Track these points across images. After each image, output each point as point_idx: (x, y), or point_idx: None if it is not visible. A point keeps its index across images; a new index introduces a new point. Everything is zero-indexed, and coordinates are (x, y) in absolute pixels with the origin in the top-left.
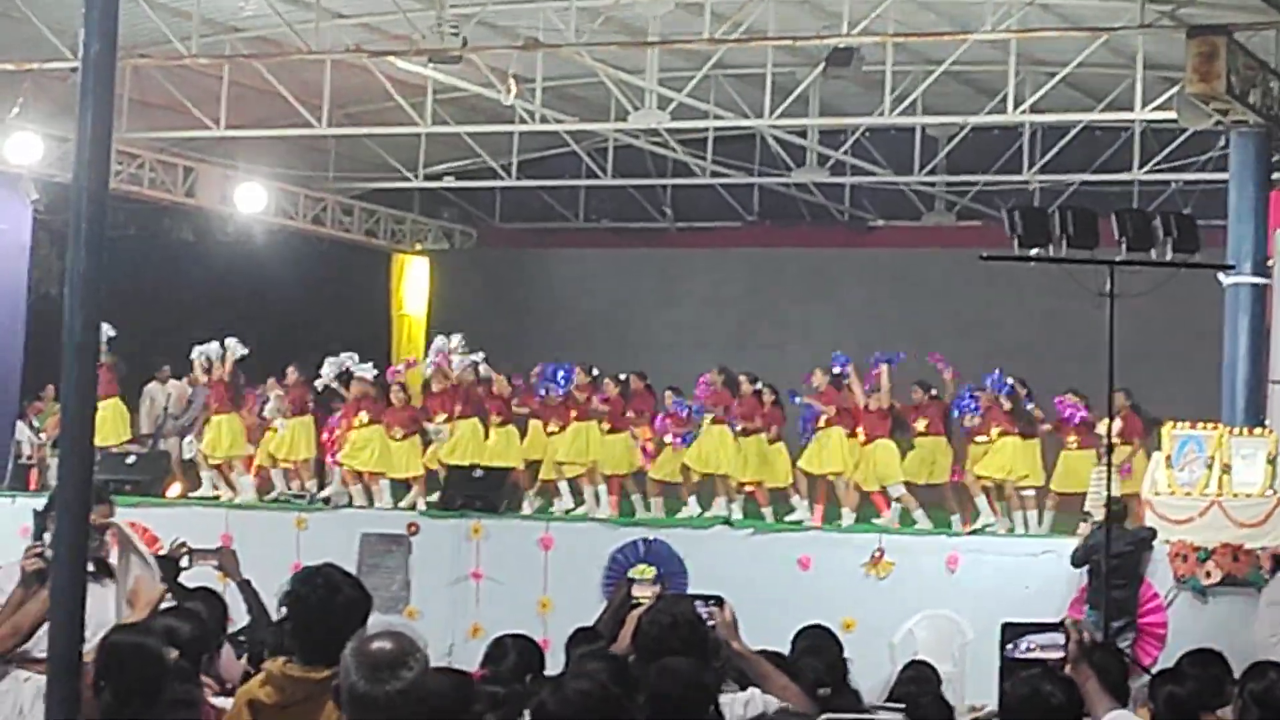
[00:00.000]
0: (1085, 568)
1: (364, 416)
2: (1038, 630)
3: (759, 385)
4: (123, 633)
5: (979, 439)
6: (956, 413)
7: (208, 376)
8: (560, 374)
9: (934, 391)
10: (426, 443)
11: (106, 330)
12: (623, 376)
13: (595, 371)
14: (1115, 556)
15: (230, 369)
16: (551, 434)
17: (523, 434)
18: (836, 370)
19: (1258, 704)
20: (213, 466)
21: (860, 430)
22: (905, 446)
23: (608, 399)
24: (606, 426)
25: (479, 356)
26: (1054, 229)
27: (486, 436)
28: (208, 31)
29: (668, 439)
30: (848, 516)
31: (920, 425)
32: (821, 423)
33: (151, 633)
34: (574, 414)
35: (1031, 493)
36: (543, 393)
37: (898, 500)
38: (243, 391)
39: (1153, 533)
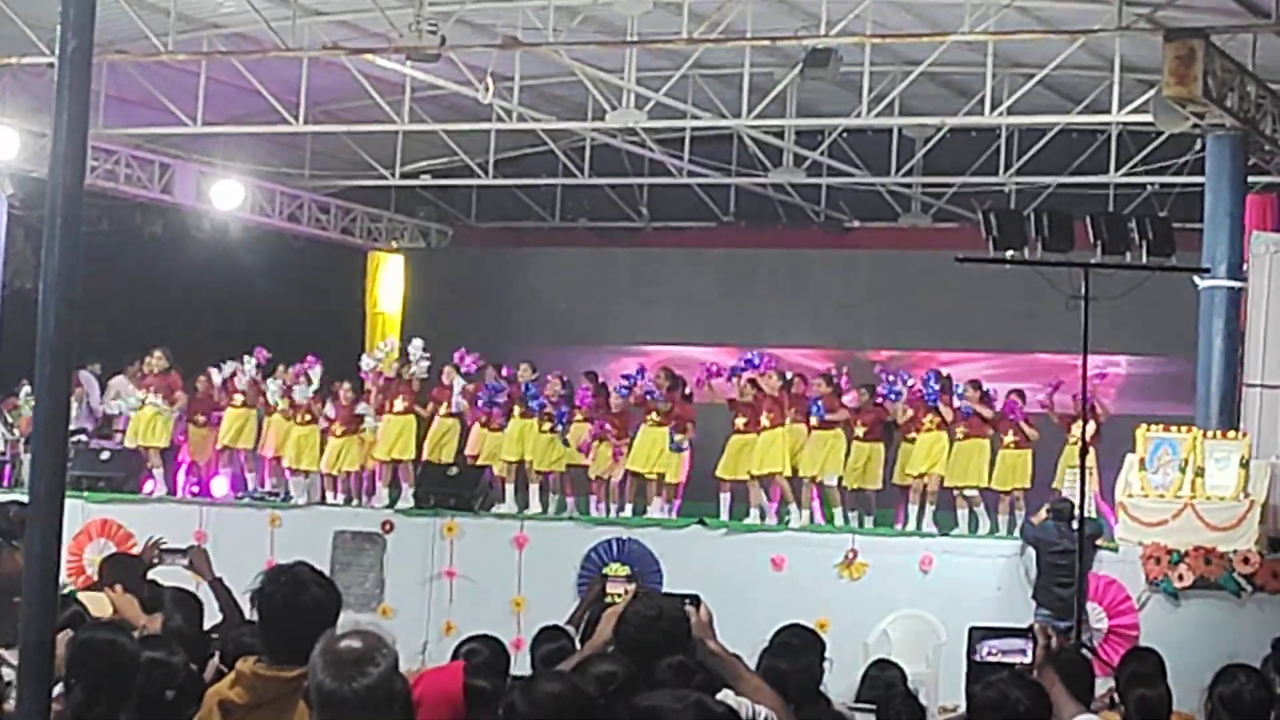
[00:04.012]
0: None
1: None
2: (999, 635)
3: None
4: (93, 630)
5: (910, 436)
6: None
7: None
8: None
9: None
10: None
11: None
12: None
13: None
14: (1064, 554)
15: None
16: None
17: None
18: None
19: (1227, 707)
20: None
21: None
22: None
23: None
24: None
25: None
26: (1029, 231)
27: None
28: (185, 28)
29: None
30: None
31: (859, 430)
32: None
33: (122, 630)
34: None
35: (974, 493)
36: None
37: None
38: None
39: (1099, 528)
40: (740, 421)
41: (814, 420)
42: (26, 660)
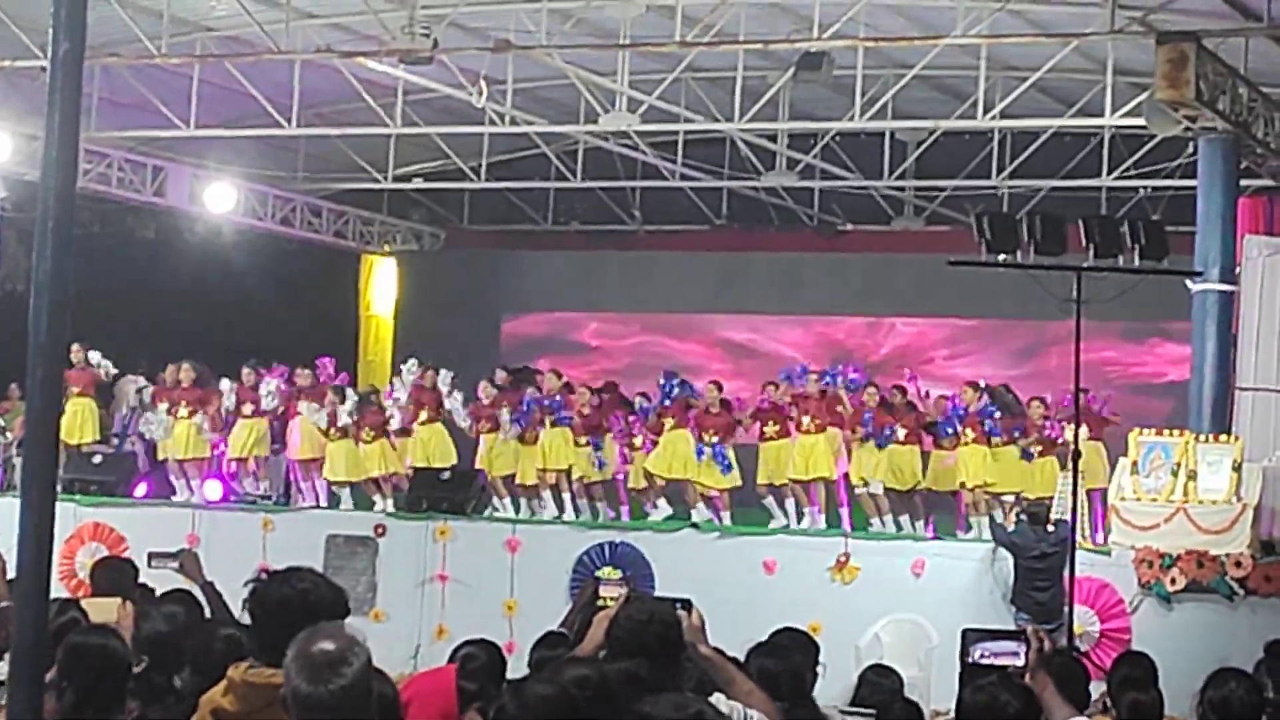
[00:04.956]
0: (1012, 566)
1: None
2: (993, 638)
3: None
4: (85, 633)
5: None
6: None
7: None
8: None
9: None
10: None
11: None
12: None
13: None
14: (1041, 558)
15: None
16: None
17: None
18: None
19: (1217, 712)
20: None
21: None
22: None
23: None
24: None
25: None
26: (1022, 234)
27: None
28: (178, 31)
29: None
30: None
31: (900, 433)
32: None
33: (114, 634)
34: (549, 422)
35: (1011, 499)
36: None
37: (873, 496)
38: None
39: (1072, 530)
40: (772, 429)
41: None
42: (18, 663)
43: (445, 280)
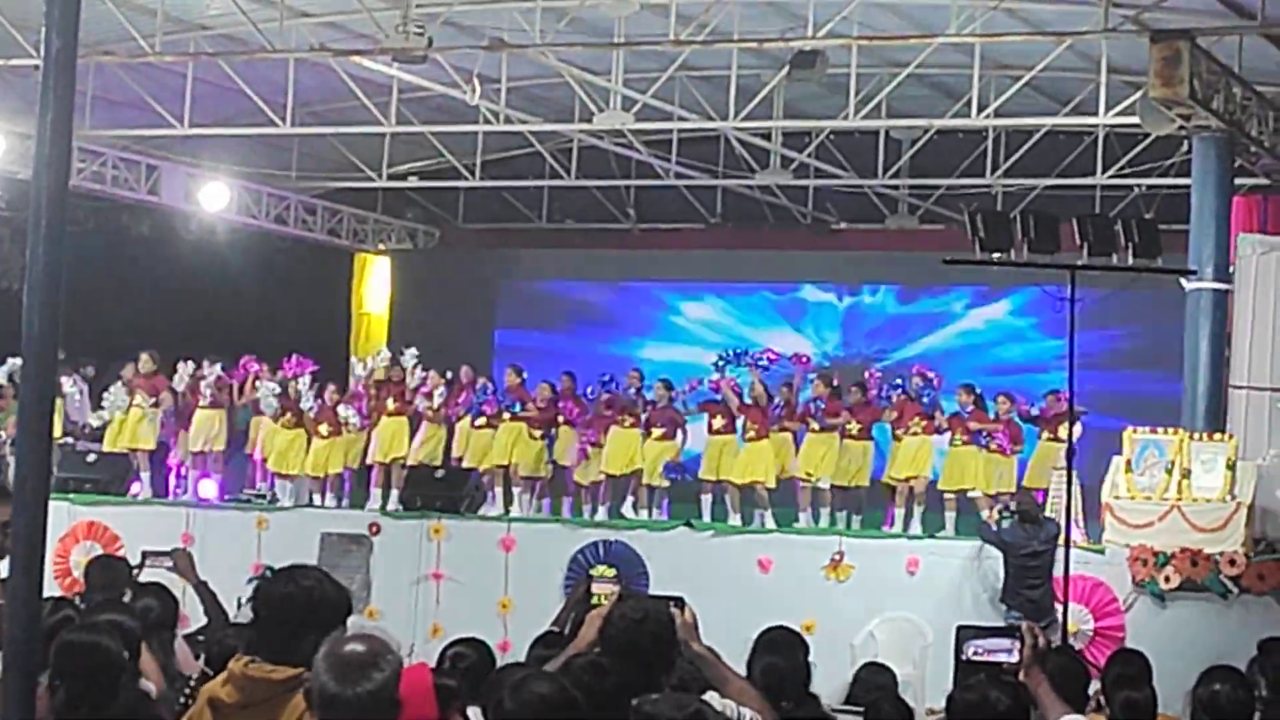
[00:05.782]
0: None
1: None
2: (987, 634)
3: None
4: (77, 631)
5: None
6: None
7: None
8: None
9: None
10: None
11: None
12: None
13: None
14: (1032, 555)
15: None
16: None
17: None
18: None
19: (1205, 710)
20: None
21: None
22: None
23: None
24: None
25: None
26: (1016, 233)
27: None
28: (172, 29)
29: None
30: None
31: (853, 428)
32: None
33: (107, 631)
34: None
35: (979, 494)
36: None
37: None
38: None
39: (1058, 527)
40: (717, 423)
41: (815, 425)
42: (11, 661)
43: (440, 278)
